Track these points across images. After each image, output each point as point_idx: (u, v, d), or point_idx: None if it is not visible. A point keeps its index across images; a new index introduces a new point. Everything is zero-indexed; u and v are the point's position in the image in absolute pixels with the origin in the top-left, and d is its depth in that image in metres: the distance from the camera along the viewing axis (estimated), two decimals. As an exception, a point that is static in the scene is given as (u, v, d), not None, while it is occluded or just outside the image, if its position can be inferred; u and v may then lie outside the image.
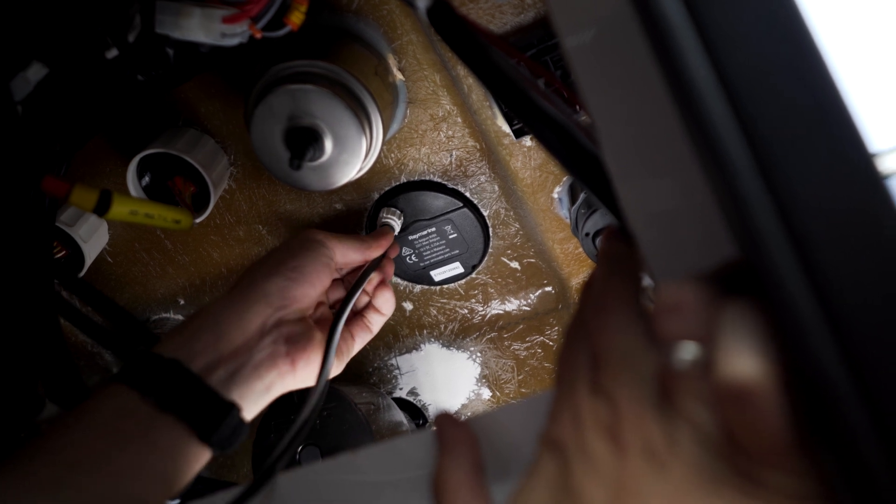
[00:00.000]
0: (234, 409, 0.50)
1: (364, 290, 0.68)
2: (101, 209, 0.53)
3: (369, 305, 0.69)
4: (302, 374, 0.57)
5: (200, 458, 0.49)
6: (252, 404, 0.53)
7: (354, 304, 0.66)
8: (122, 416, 0.47)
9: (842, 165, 0.27)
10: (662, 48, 0.31)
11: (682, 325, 0.27)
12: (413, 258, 0.77)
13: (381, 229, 0.71)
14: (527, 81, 0.37)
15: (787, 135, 0.28)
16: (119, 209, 0.53)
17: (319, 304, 0.64)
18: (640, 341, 0.29)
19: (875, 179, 0.27)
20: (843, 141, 0.27)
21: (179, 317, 0.85)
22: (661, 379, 0.27)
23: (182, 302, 0.84)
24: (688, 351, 0.27)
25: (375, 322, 0.68)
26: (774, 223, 0.28)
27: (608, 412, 0.28)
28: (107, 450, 0.45)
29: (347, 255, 0.65)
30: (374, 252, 0.68)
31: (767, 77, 0.29)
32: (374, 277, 0.68)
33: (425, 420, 0.88)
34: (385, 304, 0.68)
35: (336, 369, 0.62)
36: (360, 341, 0.67)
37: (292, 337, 0.56)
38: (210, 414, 0.49)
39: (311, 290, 0.59)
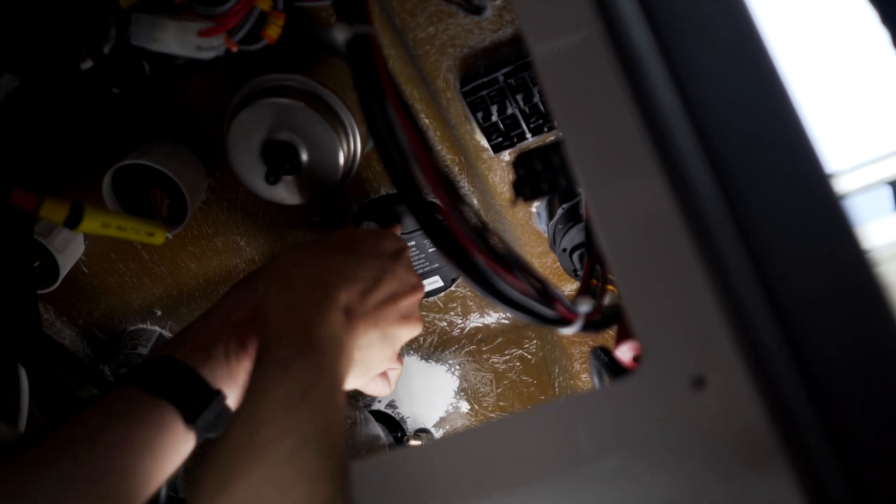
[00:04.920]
0: (219, 395, 0.52)
1: None
2: (73, 222, 0.52)
3: None
4: None
5: (188, 440, 0.51)
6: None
7: None
8: (118, 401, 0.50)
9: (800, 186, 0.28)
10: (631, 75, 0.31)
11: None
12: (392, 271, 0.77)
13: None
14: (413, 138, 0.35)
15: (750, 158, 0.28)
16: (91, 222, 0.53)
17: None
18: None
19: (832, 199, 0.27)
20: (801, 162, 0.28)
21: (156, 328, 0.85)
22: None
23: (159, 313, 0.83)
24: None
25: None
26: (734, 241, 0.28)
27: None
28: (102, 425, 0.48)
29: None
30: None
31: (731, 101, 0.29)
32: None
33: (403, 433, 0.87)
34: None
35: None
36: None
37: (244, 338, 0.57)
38: (196, 399, 0.51)
39: None
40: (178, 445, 0.50)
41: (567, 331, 0.39)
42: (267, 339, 0.46)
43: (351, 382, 0.56)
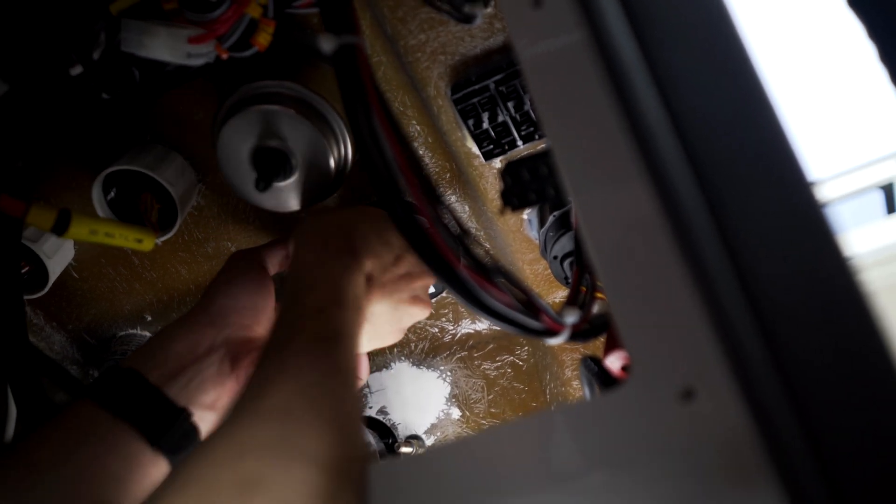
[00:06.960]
0: (183, 413, 0.51)
1: None
2: (60, 229, 0.52)
3: None
4: None
5: (156, 464, 0.50)
6: (200, 419, 0.54)
7: None
8: (83, 424, 0.49)
9: (782, 194, 0.28)
10: (617, 83, 0.31)
11: None
12: (383, 277, 0.77)
13: None
14: (397, 151, 0.36)
15: (732, 166, 0.28)
16: (78, 229, 0.52)
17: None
18: None
19: (814, 206, 0.27)
20: (783, 170, 0.28)
21: (147, 333, 0.84)
22: None
23: (149, 318, 0.83)
24: None
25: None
26: (718, 251, 0.28)
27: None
28: (67, 451, 0.47)
29: (278, 255, 0.64)
30: None
31: (714, 109, 0.29)
32: None
33: (394, 439, 0.87)
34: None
35: None
36: None
37: (238, 356, 0.57)
38: (159, 419, 0.50)
39: (248, 300, 0.59)
40: (146, 470, 0.49)
41: (554, 341, 0.39)
42: (298, 288, 0.49)
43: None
